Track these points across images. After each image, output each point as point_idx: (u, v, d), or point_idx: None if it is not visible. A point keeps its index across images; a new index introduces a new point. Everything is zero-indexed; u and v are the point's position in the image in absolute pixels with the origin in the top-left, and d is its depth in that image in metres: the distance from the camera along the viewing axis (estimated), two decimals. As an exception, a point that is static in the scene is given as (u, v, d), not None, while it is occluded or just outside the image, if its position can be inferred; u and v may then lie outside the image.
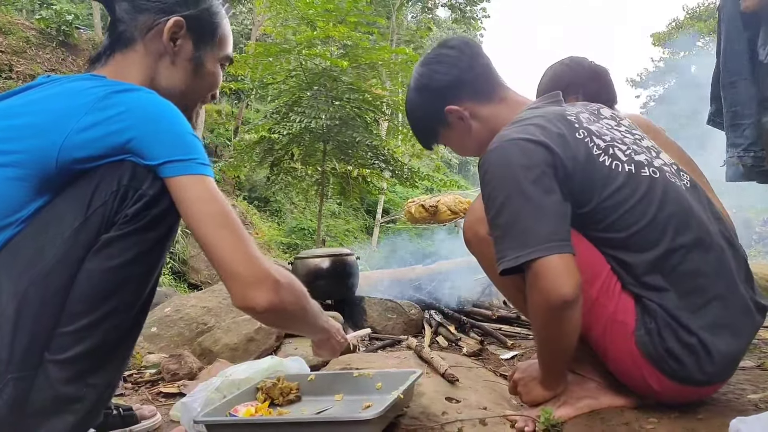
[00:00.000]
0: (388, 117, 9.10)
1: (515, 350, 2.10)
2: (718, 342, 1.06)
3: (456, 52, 1.35)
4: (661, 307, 1.08)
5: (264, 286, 0.91)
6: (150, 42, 1.02)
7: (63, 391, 0.86)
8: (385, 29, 16.71)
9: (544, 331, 1.13)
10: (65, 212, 0.86)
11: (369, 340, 2.33)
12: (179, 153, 0.90)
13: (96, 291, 0.87)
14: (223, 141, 15.80)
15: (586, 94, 1.82)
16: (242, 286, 0.91)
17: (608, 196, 1.09)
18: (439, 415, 1.25)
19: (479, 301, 2.83)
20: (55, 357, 0.85)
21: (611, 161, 1.13)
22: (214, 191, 0.92)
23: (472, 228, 1.27)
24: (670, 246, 1.08)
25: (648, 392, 1.14)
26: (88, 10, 17.17)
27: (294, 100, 7.38)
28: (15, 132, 0.88)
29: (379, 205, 16.18)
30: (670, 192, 1.12)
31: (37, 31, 14.74)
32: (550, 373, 1.20)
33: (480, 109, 1.33)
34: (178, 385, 1.66)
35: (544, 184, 1.07)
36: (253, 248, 0.93)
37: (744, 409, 1.14)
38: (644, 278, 1.09)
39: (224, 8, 1.14)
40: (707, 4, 27.84)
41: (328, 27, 6.82)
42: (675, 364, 1.07)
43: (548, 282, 1.02)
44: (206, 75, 1.10)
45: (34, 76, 13.31)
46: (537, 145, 1.09)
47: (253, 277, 0.91)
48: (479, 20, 25.57)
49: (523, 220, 1.06)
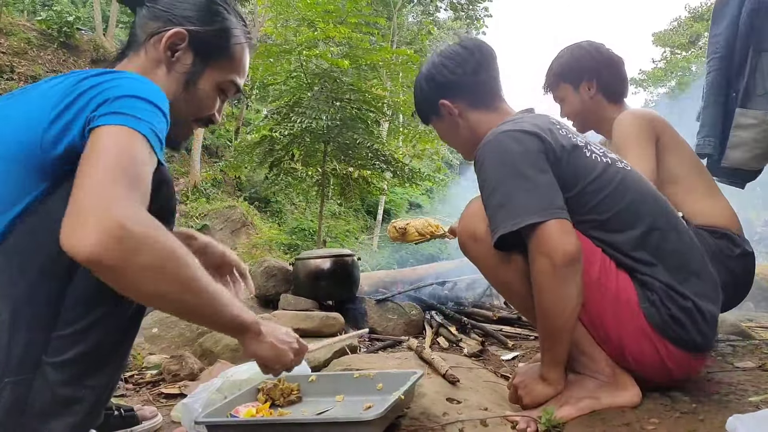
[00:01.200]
0: (389, 118, 9.10)
1: (516, 351, 2.10)
2: (707, 306, 1.20)
3: (467, 54, 1.44)
4: (656, 279, 1.19)
5: (95, 221, 0.69)
6: (151, 47, 1.03)
7: (61, 393, 0.86)
8: (386, 30, 16.73)
9: (549, 297, 1.14)
10: (58, 212, 0.75)
11: (370, 340, 2.33)
12: (112, 107, 0.81)
13: (92, 292, 0.85)
14: (224, 142, 15.82)
15: (600, 80, 1.81)
16: (71, 216, 0.71)
17: (591, 181, 1.22)
18: (439, 415, 1.25)
19: (480, 302, 2.84)
20: (53, 359, 0.84)
21: (591, 154, 1.27)
22: (122, 135, 0.78)
23: (468, 228, 1.30)
24: (649, 226, 1.21)
25: (662, 372, 1.21)
26: (89, 11, 17.19)
27: (295, 101, 7.38)
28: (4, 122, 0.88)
29: (380, 206, 16.19)
30: (641, 183, 1.29)
31: (38, 32, 14.76)
32: (552, 359, 1.20)
33: (471, 112, 1.44)
34: (179, 385, 1.67)
35: (538, 165, 1.18)
36: (122, 177, 0.73)
37: (745, 410, 1.14)
38: (633, 253, 1.20)
39: (246, 37, 1.12)
40: (709, 3, 27.84)
41: (328, 28, 6.82)
42: (678, 328, 1.17)
43: (551, 242, 1.10)
44: (197, 93, 1.07)
45: (35, 77, 13.37)
46: (529, 134, 1.21)
47: (89, 207, 0.70)
48: (481, 19, 25.58)
49: (518, 196, 1.15)
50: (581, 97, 1.83)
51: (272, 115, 7.94)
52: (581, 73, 1.82)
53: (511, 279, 1.26)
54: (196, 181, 13.79)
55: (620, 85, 1.85)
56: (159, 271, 0.75)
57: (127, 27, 16.55)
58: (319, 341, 1.33)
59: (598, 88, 1.82)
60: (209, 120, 1.14)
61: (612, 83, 1.83)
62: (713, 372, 1.48)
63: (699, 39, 27.10)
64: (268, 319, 1.88)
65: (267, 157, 7.92)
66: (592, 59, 1.81)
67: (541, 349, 1.24)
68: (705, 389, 1.30)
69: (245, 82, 1.19)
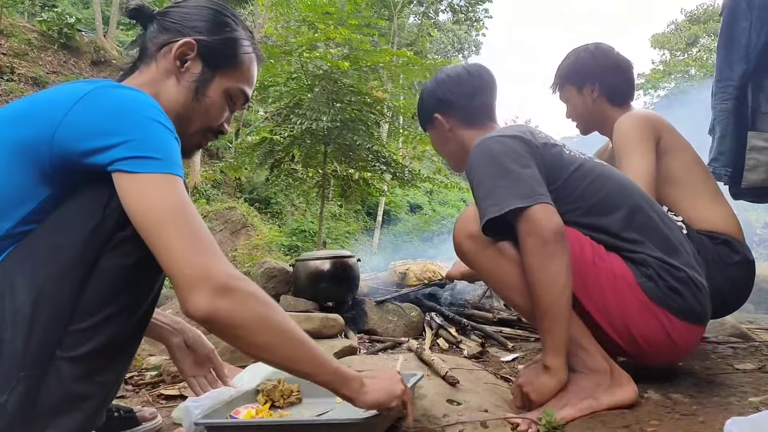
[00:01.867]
0: (389, 119, 9.10)
1: (516, 352, 2.10)
2: (696, 276, 1.28)
3: (468, 77, 1.59)
4: (648, 255, 1.26)
5: (204, 287, 0.81)
6: (161, 59, 1.06)
7: (73, 389, 0.87)
8: (387, 31, 16.75)
9: (540, 275, 1.19)
10: (81, 212, 0.87)
11: (370, 342, 2.33)
12: (142, 149, 0.86)
13: (109, 288, 0.88)
14: (224, 143, 15.82)
15: (604, 84, 1.82)
16: (182, 287, 0.82)
17: (573, 170, 1.33)
18: (440, 417, 1.25)
19: (480, 304, 2.83)
20: (67, 354, 0.86)
21: (569, 152, 1.39)
22: (167, 188, 0.86)
23: (464, 229, 1.35)
24: (632, 208, 1.31)
25: (669, 347, 1.26)
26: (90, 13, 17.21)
27: (295, 102, 7.39)
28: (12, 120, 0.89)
29: (380, 207, 16.18)
30: (616, 173, 1.41)
31: (38, 33, 14.78)
32: (552, 343, 1.20)
33: (461, 130, 1.59)
34: (178, 387, 1.66)
35: (521, 161, 1.27)
36: (199, 241, 0.84)
37: (745, 411, 1.14)
38: (622, 233, 1.29)
39: (254, 48, 1.15)
40: (705, 6, 27.92)
41: (328, 29, 6.83)
42: (678, 298, 1.24)
43: (538, 221, 1.18)
44: (206, 100, 1.09)
45: (35, 79, 13.39)
46: (512, 138, 1.33)
47: (194, 275, 0.82)
48: (481, 21, 25.62)
49: (505, 186, 1.24)
50: (584, 99, 1.85)
51: (272, 116, 7.95)
52: (585, 75, 1.84)
53: (505, 273, 1.30)
54: (196, 182, 13.79)
55: (625, 89, 1.85)
56: (259, 317, 0.86)
57: (127, 28, 16.58)
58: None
59: (601, 91, 1.83)
60: (218, 131, 1.16)
61: (616, 87, 1.83)
62: (714, 374, 1.48)
63: (697, 41, 27.15)
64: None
65: (267, 159, 7.93)
66: (597, 63, 1.83)
67: (540, 334, 1.25)
68: (705, 391, 1.30)
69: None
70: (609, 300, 1.25)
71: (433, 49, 25.73)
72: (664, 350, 1.26)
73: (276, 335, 0.88)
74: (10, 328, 0.82)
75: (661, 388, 1.32)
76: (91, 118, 0.87)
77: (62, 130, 0.86)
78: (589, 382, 1.22)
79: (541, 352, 1.26)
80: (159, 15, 1.10)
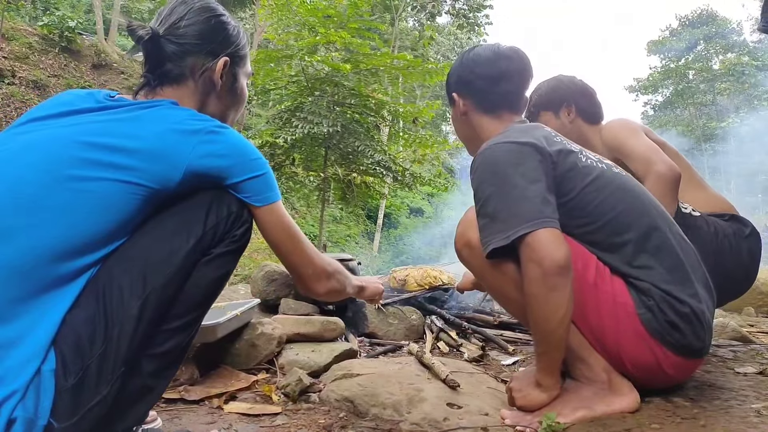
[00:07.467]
0: (389, 122, 9.10)
1: (517, 356, 2.09)
2: (704, 309, 1.21)
3: (494, 59, 1.47)
4: (652, 285, 1.19)
5: (322, 279, 1.21)
6: (202, 81, 1.16)
7: (146, 382, 0.97)
8: (388, 35, 16.77)
9: (540, 304, 1.14)
10: (182, 227, 1.00)
11: (370, 345, 2.33)
12: (264, 188, 1.09)
13: (200, 295, 1.01)
14: (224, 146, 15.82)
15: (578, 105, 1.97)
16: (307, 281, 1.20)
17: (589, 183, 1.25)
18: (440, 421, 1.25)
19: (481, 307, 2.83)
20: (151, 351, 0.96)
21: (586, 159, 1.31)
22: (283, 214, 1.13)
23: (463, 236, 1.33)
24: (649, 226, 1.23)
25: (659, 376, 1.22)
26: (91, 16, 17.25)
27: (296, 106, 7.40)
28: (132, 155, 0.95)
29: (380, 211, 16.19)
30: (636, 186, 1.33)
31: (39, 36, 14.82)
32: (547, 364, 1.20)
33: (476, 114, 1.50)
34: (179, 390, 1.66)
35: (528, 176, 1.20)
36: (311, 251, 1.17)
37: (746, 416, 1.13)
38: (632, 259, 1.22)
39: (238, 28, 1.26)
40: (700, 11, 27.99)
41: (329, 33, 6.84)
42: (677, 334, 1.18)
43: (541, 251, 1.12)
44: (239, 93, 1.26)
45: (36, 82, 13.43)
46: (522, 145, 1.24)
47: (315, 274, 1.19)
48: (482, 26, 25.65)
49: (509, 206, 1.18)
50: (562, 121, 1.98)
51: (273, 120, 7.96)
52: (560, 100, 1.98)
53: (504, 286, 1.27)
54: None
55: (596, 108, 2.00)
56: (341, 283, 1.28)
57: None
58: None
59: (577, 111, 1.97)
60: None
61: (588, 107, 1.98)
62: (715, 377, 1.47)
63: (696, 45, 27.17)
64: (269, 322, 1.90)
65: (268, 162, 7.94)
66: (567, 88, 1.99)
67: (535, 353, 1.24)
68: (706, 395, 1.30)
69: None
70: (605, 324, 1.21)
71: (434, 50, 25.77)
72: (653, 377, 1.23)
73: (345, 288, 1.31)
74: (118, 328, 0.91)
75: (662, 392, 1.32)
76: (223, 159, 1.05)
77: (193, 164, 0.99)
78: (586, 391, 1.22)
79: (536, 368, 1.24)
80: (167, 35, 1.11)
